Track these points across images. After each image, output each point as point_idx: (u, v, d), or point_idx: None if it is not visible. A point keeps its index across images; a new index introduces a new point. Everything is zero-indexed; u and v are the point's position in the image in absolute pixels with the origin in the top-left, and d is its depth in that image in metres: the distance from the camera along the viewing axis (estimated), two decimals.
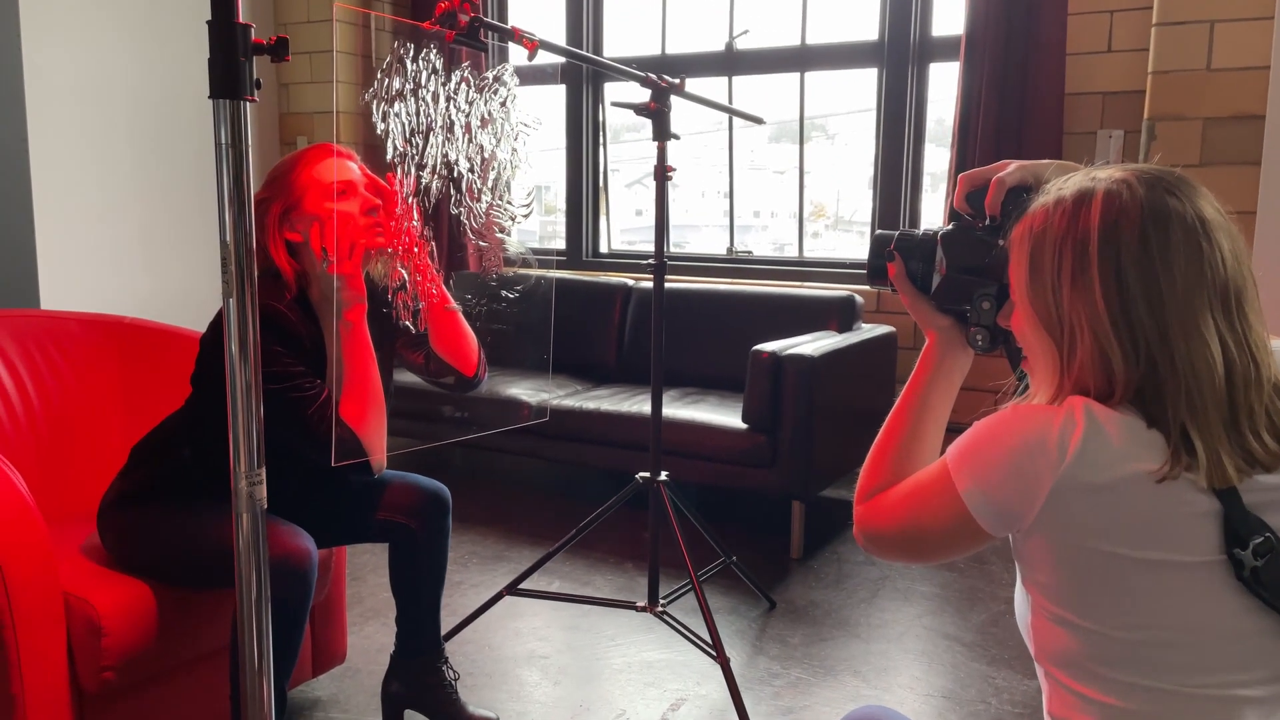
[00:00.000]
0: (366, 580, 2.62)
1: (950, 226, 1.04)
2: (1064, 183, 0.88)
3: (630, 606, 2.18)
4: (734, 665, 2.04)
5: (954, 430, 0.94)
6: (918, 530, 0.93)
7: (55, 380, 1.98)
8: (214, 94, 0.98)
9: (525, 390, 3.26)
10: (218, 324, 1.60)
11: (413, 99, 1.33)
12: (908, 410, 1.05)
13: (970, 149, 3.15)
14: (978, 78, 3.14)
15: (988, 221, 1.00)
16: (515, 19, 4.34)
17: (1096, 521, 0.81)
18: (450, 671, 1.85)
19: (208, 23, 0.97)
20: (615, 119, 4.27)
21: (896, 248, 1.07)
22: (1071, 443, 0.81)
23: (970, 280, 1.00)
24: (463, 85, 1.38)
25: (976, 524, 0.87)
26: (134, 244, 3.86)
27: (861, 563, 2.80)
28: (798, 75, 3.72)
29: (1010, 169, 0.99)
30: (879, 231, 1.11)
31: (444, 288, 1.64)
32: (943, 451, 0.94)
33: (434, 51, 1.35)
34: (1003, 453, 0.84)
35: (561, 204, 4.29)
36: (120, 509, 1.61)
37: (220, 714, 1.66)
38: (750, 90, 3.89)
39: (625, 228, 4.47)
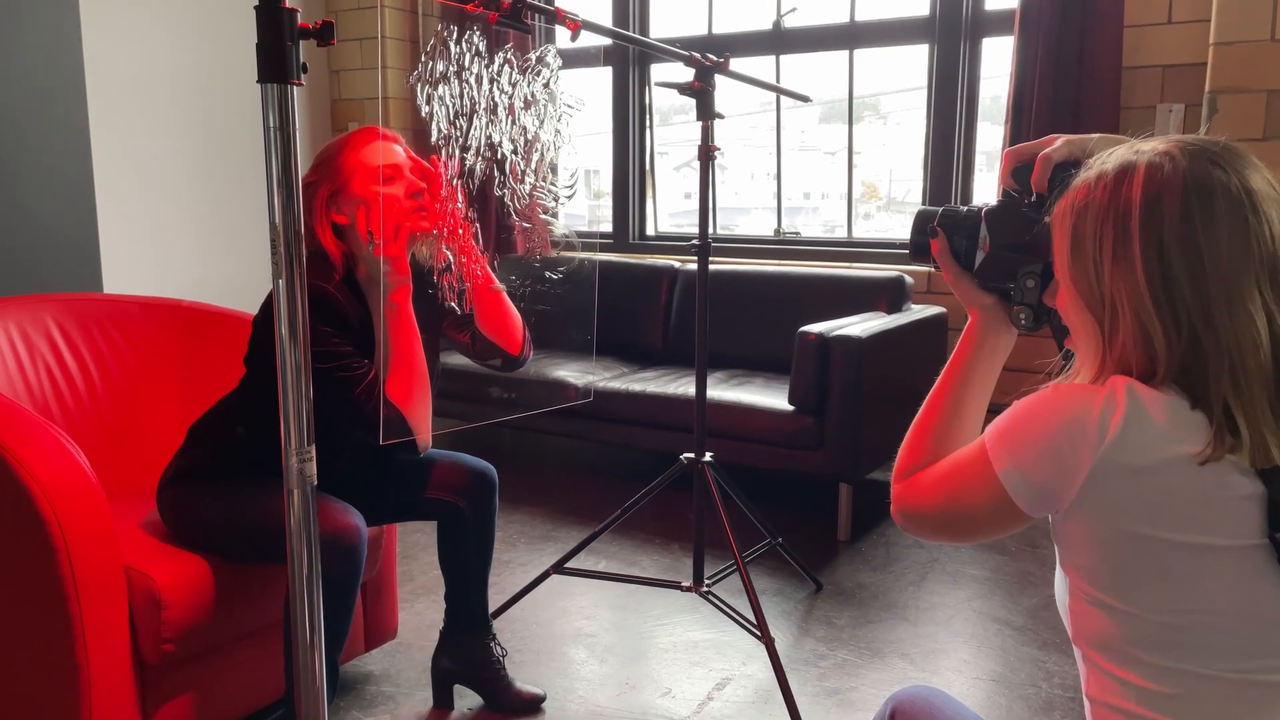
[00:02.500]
0: (417, 558, 2.66)
1: (995, 203, 1.02)
2: (1107, 156, 0.86)
3: (676, 586, 2.19)
4: (779, 646, 2.04)
5: (994, 410, 0.93)
6: (955, 509, 0.92)
7: (116, 361, 2.04)
8: (262, 78, 1.00)
9: (571, 372, 3.28)
10: (269, 305, 1.63)
11: (456, 81, 1.34)
12: (949, 389, 1.04)
13: (1025, 126, 3.08)
14: (1032, 52, 3.07)
15: (1034, 198, 0.98)
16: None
17: (1136, 504, 0.79)
18: (499, 648, 1.87)
19: (255, 7, 0.98)
20: (663, 101, 4.26)
21: (940, 223, 1.05)
22: (1112, 424, 0.79)
23: (1014, 257, 0.99)
24: (505, 67, 1.39)
25: (1014, 504, 0.86)
26: (191, 229, 3.95)
27: (910, 546, 2.77)
28: (846, 53, 3.67)
29: (1058, 144, 0.97)
30: (922, 208, 1.10)
31: (489, 269, 1.66)
32: (983, 431, 0.93)
33: (477, 33, 1.35)
34: (1041, 432, 0.83)
35: (609, 187, 4.29)
36: (178, 486, 1.66)
37: (275, 685, 1.71)
38: (798, 69, 3.85)
39: (673, 211, 4.46)
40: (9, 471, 1.41)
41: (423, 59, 1.31)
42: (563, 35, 1.60)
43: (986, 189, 3.56)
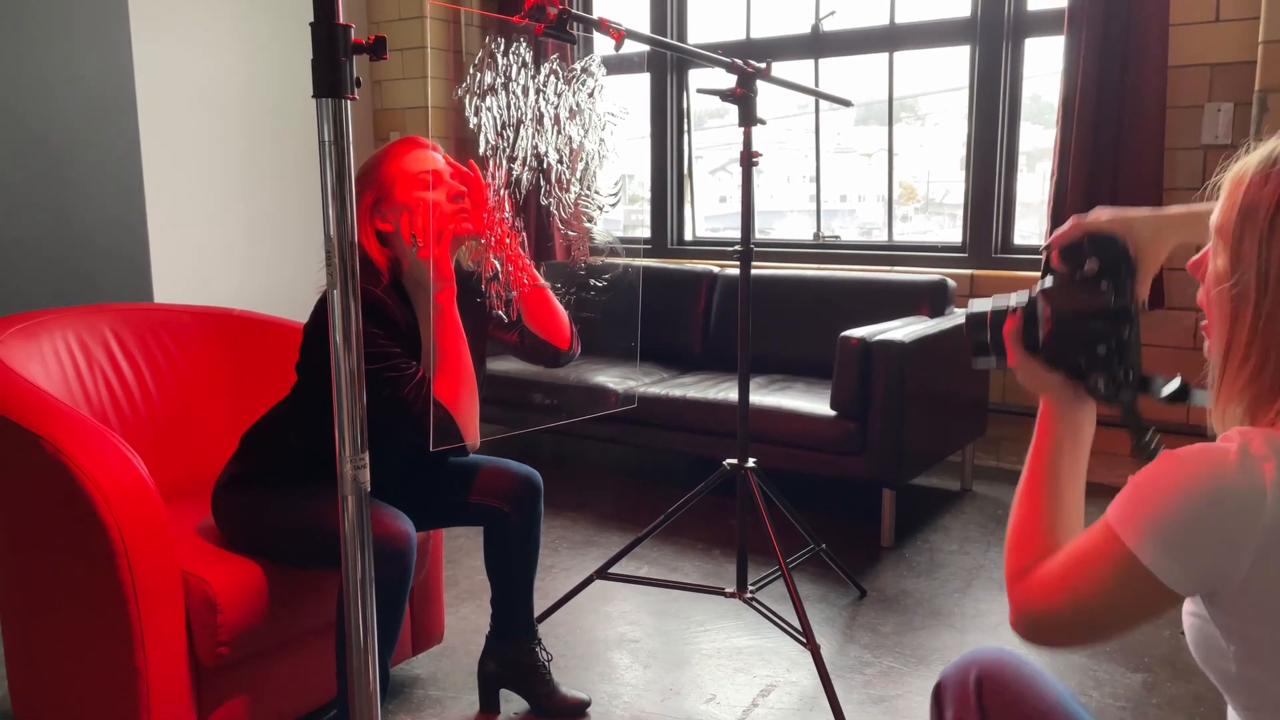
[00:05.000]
0: (462, 563, 2.68)
1: (1048, 283, 1.00)
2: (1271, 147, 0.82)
3: (719, 592, 2.19)
4: (824, 653, 2.03)
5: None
6: (1091, 609, 0.84)
7: (170, 368, 2.09)
8: (317, 93, 1.02)
9: (612, 378, 3.29)
10: (319, 313, 1.66)
11: (504, 93, 1.35)
12: (1040, 483, 0.98)
13: (1071, 127, 3.04)
14: (1077, 51, 3.03)
15: (1072, 267, 0.98)
16: (599, 6, 4.36)
17: None
18: (544, 653, 1.89)
19: (310, 24, 1.00)
20: (698, 105, 4.26)
21: (993, 324, 1.03)
22: (1268, 484, 0.73)
23: (1081, 327, 0.97)
24: (551, 77, 1.40)
25: (1163, 587, 0.79)
26: (238, 238, 4.02)
27: (954, 552, 2.75)
28: (886, 56, 3.66)
29: (1097, 214, 0.97)
30: (970, 311, 1.07)
31: (535, 273, 1.68)
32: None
33: (523, 45, 1.37)
34: (1184, 507, 0.77)
35: (646, 192, 4.31)
36: (232, 492, 1.69)
37: (327, 687, 1.73)
38: (837, 72, 3.84)
39: (709, 214, 4.46)
40: (71, 478, 1.45)
41: (471, 71, 1.33)
42: (602, 42, 1.62)
43: (1030, 189, 3.52)
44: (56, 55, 3.37)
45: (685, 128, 4.21)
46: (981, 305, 1.05)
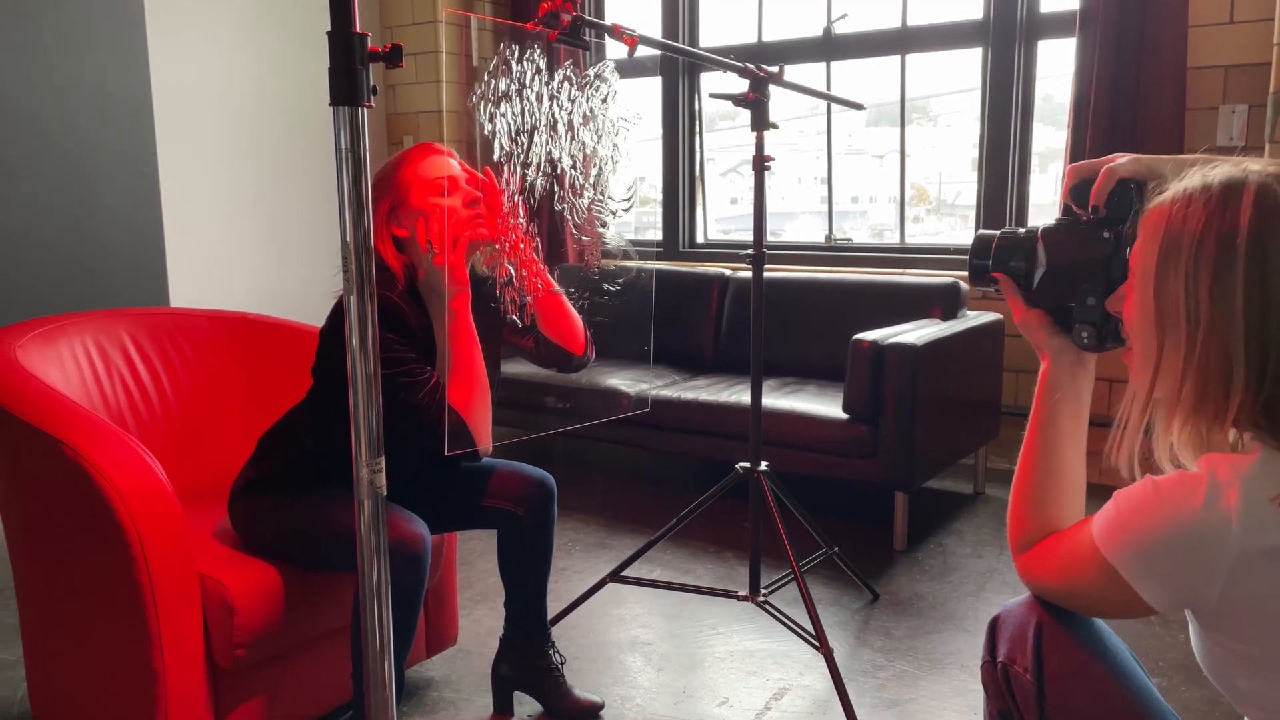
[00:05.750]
0: (475, 565, 2.70)
1: (1052, 222, 1.01)
2: (1209, 170, 0.82)
3: (731, 595, 2.19)
4: (837, 656, 2.03)
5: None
6: (1081, 600, 0.92)
7: (186, 372, 2.11)
8: (334, 101, 1.03)
9: (625, 381, 3.30)
10: (335, 317, 1.67)
11: (518, 99, 1.36)
12: (1038, 446, 1.00)
13: (1086, 129, 3.03)
14: (1091, 53, 3.02)
15: (1091, 214, 0.97)
16: (611, 11, 4.38)
17: None
18: (557, 655, 1.89)
19: (327, 33, 1.01)
20: (710, 106, 4.27)
21: (998, 245, 1.04)
22: (1233, 514, 0.76)
23: (1072, 275, 0.97)
24: (565, 84, 1.41)
25: (1145, 603, 0.84)
26: (253, 243, 4.05)
27: (967, 555, 2.74)
28: (898, 58, 3.65)
29: (1122, 160, 0.95)
30: (980, 231, 1.08)
31: (549, 279, 1.69)
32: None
33: (537, 51, 1.38)
34: (1156, 534, 0.81)
35: (656, 194, 4.32)
36: (248, 496, 1.71)
37: (342, 689, 1.74)
38: (849, 74, 3.84)
39: (720, 216, 4.47)
40: (90, 482, 1.46)
41: (485, 78, 1.34)
42: (615, 46, 1.63)
43: (1043, 190, 3.52)
44: (73, 62, 3.40)
45: (697, 130, 4.22)
46: (992, 231, 1.07)
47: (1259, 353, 0.77)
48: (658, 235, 4.33)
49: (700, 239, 4.29)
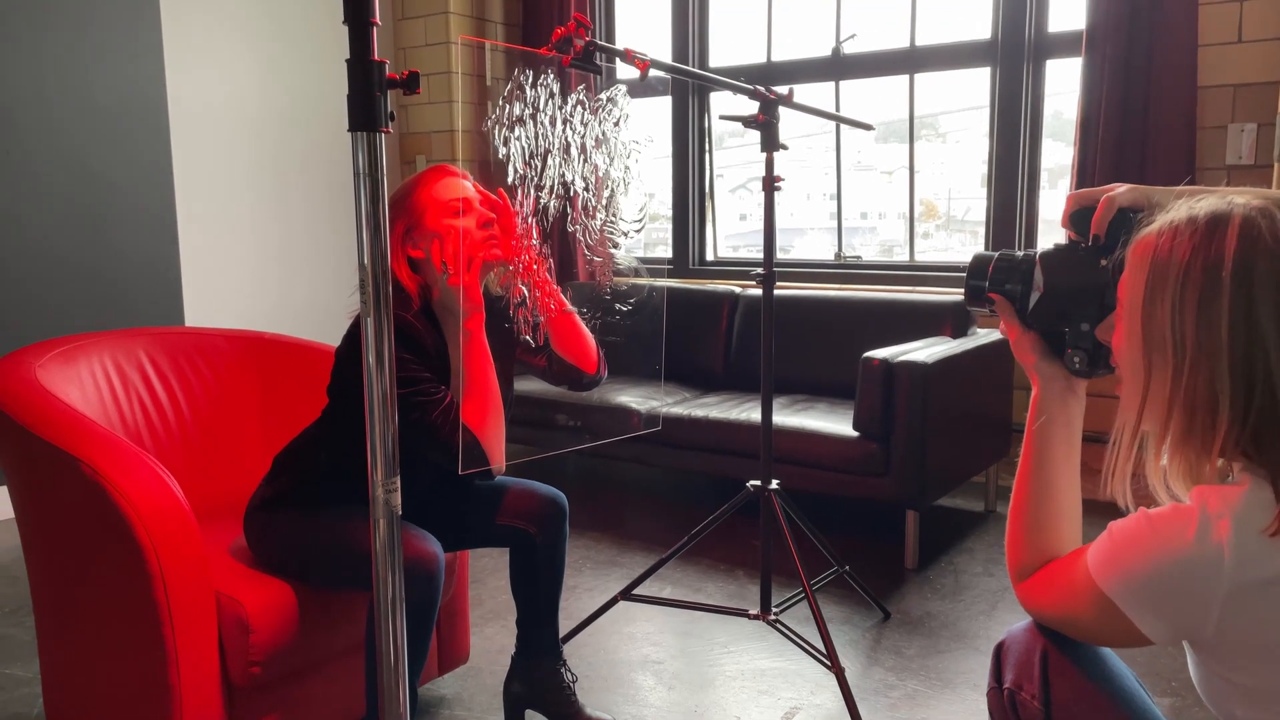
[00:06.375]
0: (486, 583, 2.70)
1: (1050, 246, 1.02)
2: (1195, 202, 0.83)
3: (743, 614, 2.19)
4: (848, 675, 2.03)
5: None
6: (1083, 630, 0.92)
7: (203, 391, 2.13)
8: (353, 126, 1.05)
9: (635, 398, 3.31)
10: (351, 337, 1.69)
11: (532, 123, 1.38)
12: (1031, 471, 1.00)
13: (1093, 147, 3.04)
14: (1099, 73, 3.04)
15: (1091, 242, 0.98)
16: (621, 29, 4.41)
17: (1277, 614, 0.78)
18: (569, 674, 1.90)
19: (347, 61, 1.03)
20: (719, 124, 4.29)
21: (996, 266, 1.05)
22: (1225, 547, 0.77)
23: (1068, 301, 0.97)
24: (578, 107, 1.43)
25: (1144, 634, 0.85)
26: (267, 262, 4.08)
27: (979, 574, 2.74)
28: (906, 77, 3.67)
29: (1121, 189, 0.96)
30: (978, 252, 1.10)
31: (562, 299, 1.71)
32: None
33: (551, 76, 1.40)
34: (1150, 569, 0.82)
35: (666, 210, 4.34)
36: (263, 514, 1.72)
37: (356, 707, 1.75)
38: (857, 91, 3.86)
39: (730, 233, 4.49)
40: (109, 500, 1.48)
41: (500, 102, 1.36)
42: (626, 68, 1.65)
43: (1053, 206, 3.52)
44: (91, 83, 3.45)
45: (707, 148, 4.24)
46: (990, 253, 1.07)
47: (1245, 384, 0.78)
48: (667, 251, 4.35)
49: (710, 256, 4.31)
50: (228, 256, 3.93)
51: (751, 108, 1.98)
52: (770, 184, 2.02)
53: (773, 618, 2.13)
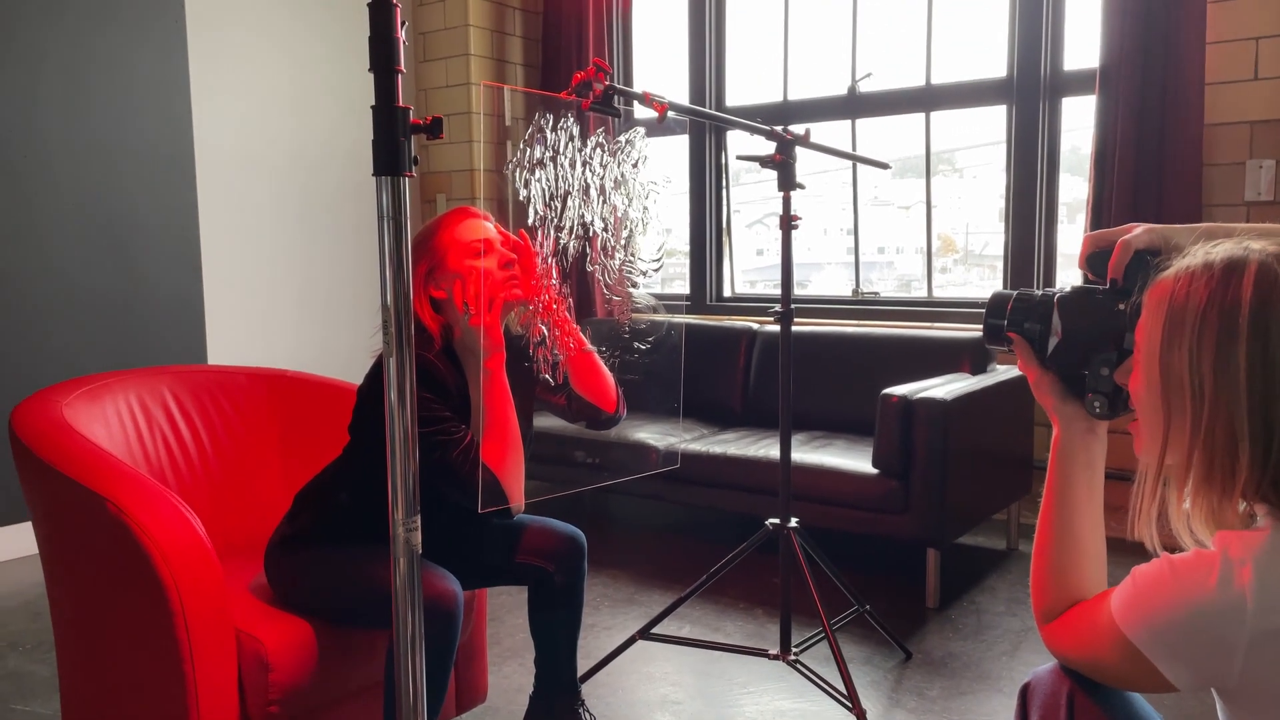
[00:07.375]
0: (504, 621, 2.69)
1: (1068, 289, 1.02)
2: (1211, 248, 0.84)
3: (762, 654, 2.17)
4: (870, 718, 2.01)
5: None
6: (1109, 675, 0.91)
7: (225, 428, 2.15)
8: (377, 171, 1.07)
9: (653, 434, 3.31)
10: (374, 376, 1.71)
11: (552, 165, 1.41)
12: (1054, 514, 1.00)
13: (1108, 185, 3.05)
14: (1113, 111, 3.05)
15: (1109, 285, 0.98)
16: (639, 69, 4.47)
17: None
18: (587, 714, 1.89)
19: (372, 107, 1.06)
20: (735, 160, 4.33)
21: (1014, 307, 1.05)
22: (1247, 593, 0.77)
23: (1086, 345, 0.97)
24: (597, 149, 1.45)
25: (1169, 681, 0.84)
26: (291, 301, 4.13)
27: (1002, 614, 2.70)
28: (923, 115, 3.70)
29: (1138, 231, 0.96)
30: (997, 291, 1.10)
31: (581, 337, 1.72)
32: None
33: (570, 119, 1.43)
34: (1174, 616, 0.82)
35: (684, 246, 4.36)
36: (284, 552, 1.73)
37: None
38: (874, 127, 3.89)
39: (746, 269, 4.50)
40: (133, 539, 1.49)
41: (521, 146, 1.39)
42: (644, 108, 1.67)
43: (1071, 240, 3.52)
44: (119, 125, 3.53)
45: (724, 184, 4.28)
46: (1009, 291, 1.07)
47: (1264, 428, 0.78)
48: (685, 287, 4.37)
49: (727, 292, 4.33)
50: (251, 296, 3.98)
51: (768, 147, 2.00)
52: (787, 223, 2.03)
53: (793, 658, 2.11)
